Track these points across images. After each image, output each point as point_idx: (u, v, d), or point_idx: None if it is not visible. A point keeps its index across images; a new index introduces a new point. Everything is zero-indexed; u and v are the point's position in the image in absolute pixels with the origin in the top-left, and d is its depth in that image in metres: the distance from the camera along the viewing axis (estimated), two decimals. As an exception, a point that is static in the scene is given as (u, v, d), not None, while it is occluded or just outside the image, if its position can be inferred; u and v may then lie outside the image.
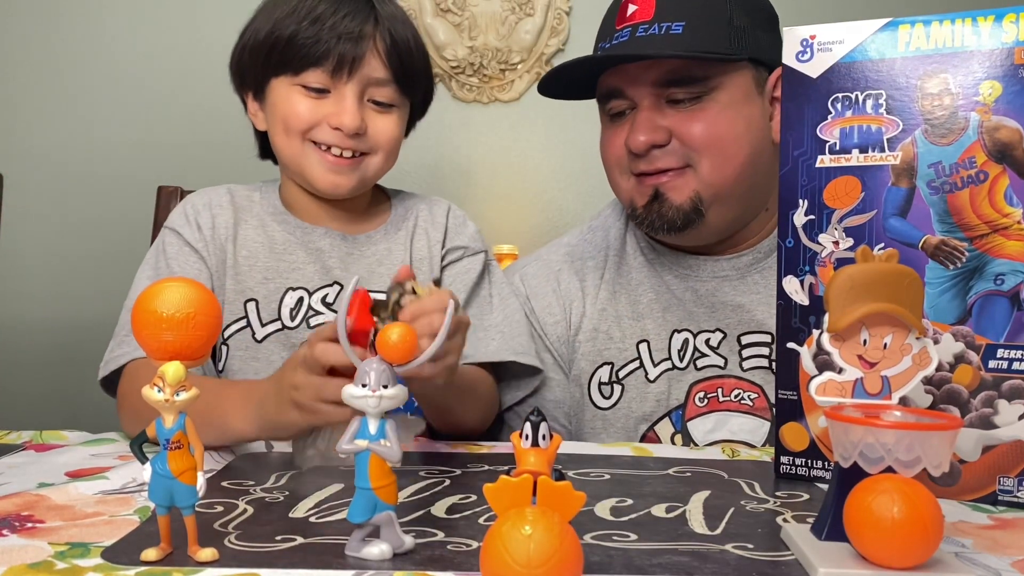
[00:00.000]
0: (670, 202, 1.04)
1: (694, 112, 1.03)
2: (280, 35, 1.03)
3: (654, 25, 1.01)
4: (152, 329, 0.56)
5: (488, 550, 0.49)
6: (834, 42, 0.79)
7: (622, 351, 1.11)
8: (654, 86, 1.03)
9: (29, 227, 2.13)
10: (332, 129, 1.03)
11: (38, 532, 0.64)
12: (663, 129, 1.03)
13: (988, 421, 0.75)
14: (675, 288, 1.12)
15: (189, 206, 1.11)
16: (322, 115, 1.03)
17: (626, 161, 1.07)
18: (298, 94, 1.04)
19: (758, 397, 1.06)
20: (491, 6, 2.42)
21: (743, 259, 1.11)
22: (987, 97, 0.75)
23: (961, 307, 0.76)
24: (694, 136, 1.03)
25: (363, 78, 1.03)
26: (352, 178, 1.06)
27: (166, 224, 1.11)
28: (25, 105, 2.17)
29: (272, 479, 0.79)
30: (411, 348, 0.59)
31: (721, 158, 1.03)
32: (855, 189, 0.79)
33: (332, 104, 1.03)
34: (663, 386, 1.09)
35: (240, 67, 1.10)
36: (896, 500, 0.55)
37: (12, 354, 2.18)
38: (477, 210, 2.33)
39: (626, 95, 1.06)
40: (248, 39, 1.07)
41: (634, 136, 1.03)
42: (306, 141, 1.05)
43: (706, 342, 1.09)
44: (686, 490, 0.77)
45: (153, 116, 2.15)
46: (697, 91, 1.02)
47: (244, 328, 1.07)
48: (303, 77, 1.03)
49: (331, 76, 1.02)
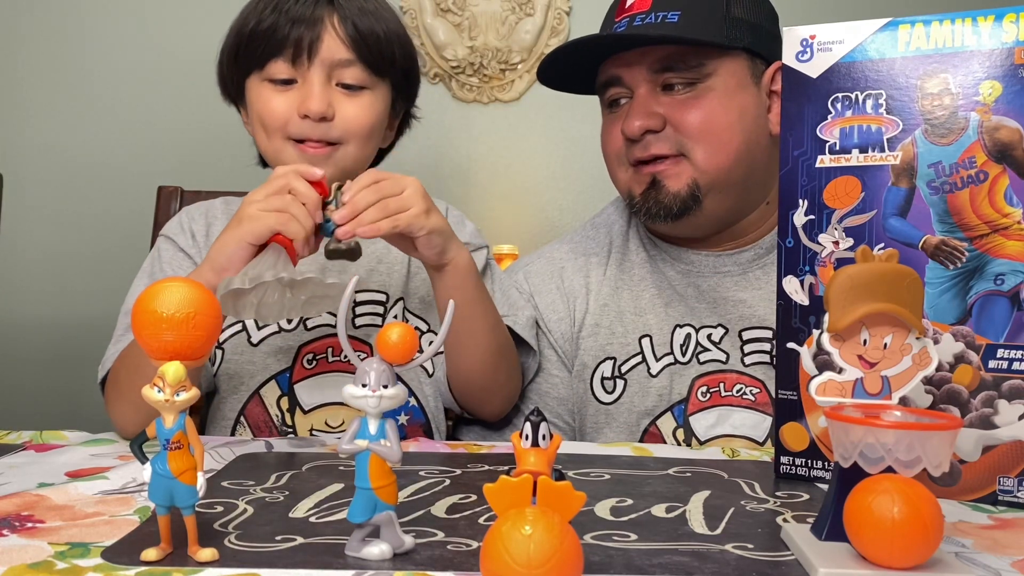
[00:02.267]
0: (667, 189, 1.06)
1: (688, 99, 1.05)
2: (243, 32, 1.05)
3: (651, 14, 1.04)
4: (152, 329, 0.56)
5: (488, 550, 0.49)
6: (834, 42, 0.79)
7: (624, 346, 1.11)
8: (649, 71, 1.05)
9: (29, 226, 2.13)
10: (301, 119, 1.03)
11: (38, 532, 0.64)
12: (657, 115, 1.05)
13: (988, 421, 0.75)
14: (677, 283, 1.13)
15: (184, 215, 1.13)
16: (292, 106, 1.03)
17: (623, 151, 1.09)
18: (268, 90, 1.04)
19: (760, 392, 1.07)
20: (491, 6, 2.42)
21: (744, 255, 1.12)
22: (987, 97, 0.75)
23: (961, 307, 0.76)
24: (687, 123, 1.04)
25: (324, 61, 1.03)
26: (327, 168, 1.03)
27: (162, 233, 1.13)
28: (25, 105, 2.17)
29: (272, 479, 0.79)
30: (411, 348, 0.59)
31: (714, 145, 1.05)
32: (855, 189, 0.79)
33: (299, 92, 1.03)
34: (665, 380, 1.09)
35: (222, 76, 1.11)
36: (896, 500, 0.55)
37: (12, 354, 2.18)
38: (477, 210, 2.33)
39: (623, 82, 1.08)
40: (223, 46, 1.09)
41: (629, 121, 1.05)
42: (285, 139, 1.05)
43: (708, 337, 1.09)
44: (686, 490, 0.77)
45: (153, 116, 2.15)
46: (691, 77, 1.04)
47: (240, 332, 1.07)
48: (268, 70, 1.04)
49: (292, 64, 1.03)
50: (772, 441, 0.96)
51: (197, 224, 1.11)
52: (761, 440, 1.06)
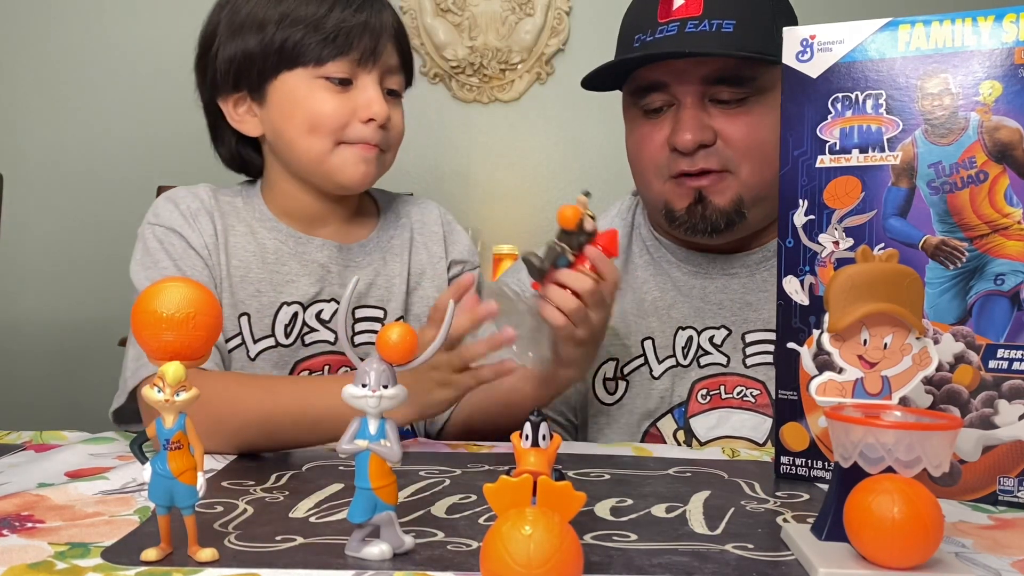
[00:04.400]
0: (714, 205, 1.03)
1: (738, 114, 1.02)
2: (295, 23, 0.99)
3: (704, 22, 0.99)
4: (152, 329, 0.56)
5: (488, 550, 0.49)
6: (834, 42, 0.79)
7: (627, 348, 1.11)
8: (702, 83, 1.01)
9: (29, 227, 2.13)
10: (363, 124, 1.01)
11: (38, 532, 0.64)
12: (710, 129, 1.02)
13: (988, 421, 0.75)
14: (682, 285, 1.12)
15: (183, 206, 1.04)
16: (350, 109, 1.00)
17: (664, 161, 1.04)
18: (321, 88, 1.00)
19: (760, 394, 1.07)
20: (491, 6, 2.42)
21: (753, 256, 1.11)
22: (987, 97, 0.75)
23: (961, 307, 0.76)
24: (738, 139, 1.02)
25: (383, 66, 1.02)
26: (375, 169, 1.04)
27: (158, 222, 1.03)
28: (25, 105, 2.17)
29: (272, 479, 0.79)
30: (411, 348, 0.59)
31: (761, 162, 1.02)
32: (855, 189, 0.79)
33: (357, 95, 1.01)
34: (667, 383, 1.09)
35: (235, 69, 1.02)
36: (896, 500, 0.54)
37: (12, 354, 2.18)
38: (477, 210, 2.34)
39: (669, 90, 1.03)
40: (240, 43, 1.01)
41: (682, 134, 1.01)
42: (336, 142, 1.01)
43: (710, 340, 1.09)
44: (686, 490, 0.77)
45: (153, 116, 2.15)
46: (743, 92, 1.01)
47: (240, 345, 1.03)
48: (327, 68, 1.00)
49: (356, 65, 1.00)
50: (772, 441, 0.96)
51: (201, 219, 1.04)
52: (761, 441, 1.06)
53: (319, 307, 1.05)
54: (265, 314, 1.04)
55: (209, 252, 1.03)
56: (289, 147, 1.03)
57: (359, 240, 1.10)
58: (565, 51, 2.43)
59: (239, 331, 1.03)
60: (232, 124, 1.06)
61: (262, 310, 1.04)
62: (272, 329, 1.04)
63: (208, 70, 1.06)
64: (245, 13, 1.02)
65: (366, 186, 1.06)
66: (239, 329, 1.03)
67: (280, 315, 1.04)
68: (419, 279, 1.11)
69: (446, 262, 1.13)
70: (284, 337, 1.04)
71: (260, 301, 1.04)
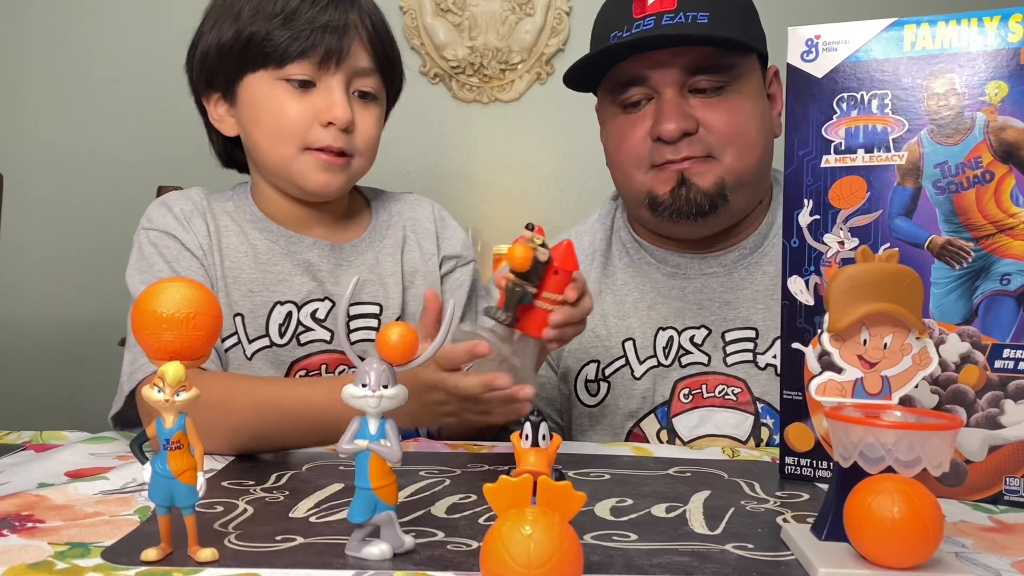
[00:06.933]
0: (697, 187, 1.04)
1: (718, 102, 1.03)
2: (256, 23, 0.99)
3: (680, 14, 1.01)
4: (152, 329, 0.56)
5: (488, 550, 0.49)
6: (839, 42, 0.79)
7: (608, 349, 1.11)
8: (681, 73, 1.02)
9: (29, 226, 2.13)
10: (324, 127, 0.99)
11: (38, 532, 0.63)
12: (691, 118, 1.03)
13: (994, 421, 0.75)
14: (662, 286, 1.12)
15: (177, 209, 1.05)
16: (312, 112, 0.99)
17: (646, 153, 1.05)
18: (282, 91, 0.99)
19: (741, 391, 1.07)
20: (491, 6, 2.42)
21: (730, 255, 1.12)
22: (993, 97, 0.74)
23: (967, 307, 0.76)
24: (720, 126, 1.03)
25: (349, 68, 1.00)
26: (340, 178, 1.02)
27: (152, 226, 1.04)
28: (26, 105, 2.17)
29: (272, 479, 0.78)
30: (411, 348, 0.59)
31: (743, 148, 1.04)
32: (860, 189, 0.78)
33: (319, 98, 1.00)
34: (648, 383, 1.09)
35: (207, 66, 1.03)
36: (896, 500, 0.54)
37: (12, 354, 2.18)
38: (477, 210, 2.34)
39: (649, 83, 1.04)
40: (216, 36, 1.01)
41: (664, 124, 1.02)
42: (300, 148, 1.00)
43: (691, 339, 1.09)
44: (686, 490, 0.77)
45: (153, 116, 2.15)
46: (722, 80, 1.03)
47: (236, 344, 1.03)
48: (287, 70, 0.99)
49: (318, 67, 0.99)
50: (773, 442, 0.96)
51: (195, 221, 1.04)
52: (744, 439, 1.06)
53: (314, 306, 1.05)
54: (259, 314, 1.03)
55: (204, 252, 1.03)
56: (258, 150, 1.04)
57: (351, 239, 1.10)
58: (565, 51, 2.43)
59: (235, 331, 1.03)
60: (213, 124, 1.07)
61: (255, 310, 1.03)
62: (266, 329, 1.03)
63: (193, 68, 1.07)
64: (229, 3, 1.02)
65: (333, 194, 1.05)
66: (235, 329, 1.03)
67: (274, 315, 1.04)
68: (412, 277, 1.11)
69: (438, 259, 1.13)
70: (279, 337, 1.04)
71: (253, 301, 1.04)
